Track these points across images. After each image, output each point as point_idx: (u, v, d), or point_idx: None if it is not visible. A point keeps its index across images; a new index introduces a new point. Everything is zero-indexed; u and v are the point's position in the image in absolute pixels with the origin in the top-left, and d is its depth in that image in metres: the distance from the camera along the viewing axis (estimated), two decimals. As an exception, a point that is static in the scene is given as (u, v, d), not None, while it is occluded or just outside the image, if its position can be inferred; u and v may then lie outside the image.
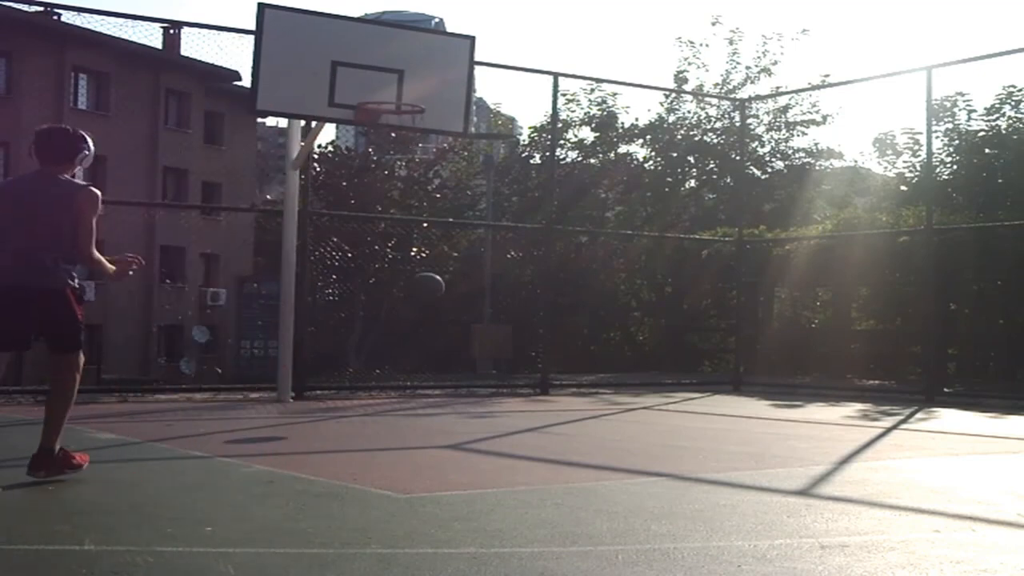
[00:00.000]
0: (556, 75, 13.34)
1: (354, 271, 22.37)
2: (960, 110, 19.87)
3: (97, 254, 5.25)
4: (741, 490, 5.38)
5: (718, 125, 29.70)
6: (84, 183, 5.30)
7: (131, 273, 5.68)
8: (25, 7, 19.02)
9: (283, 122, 22.89)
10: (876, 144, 22.49)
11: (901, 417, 10.30)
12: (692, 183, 31.12)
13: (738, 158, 21.88)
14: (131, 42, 18.84)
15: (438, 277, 11.85)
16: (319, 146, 26.98)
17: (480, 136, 34.83)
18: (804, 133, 29.68)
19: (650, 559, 3.73)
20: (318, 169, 29.10)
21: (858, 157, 36.15)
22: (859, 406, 11.66)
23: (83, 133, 5.40)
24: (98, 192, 5.25)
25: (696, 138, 29.69)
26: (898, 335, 17.41)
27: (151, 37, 28.90)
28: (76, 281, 5.20)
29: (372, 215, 22.73)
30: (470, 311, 22.71)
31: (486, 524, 4.32)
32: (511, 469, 6.27)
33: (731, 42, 30.06)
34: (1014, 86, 19.56)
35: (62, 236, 5.11)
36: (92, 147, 5.41)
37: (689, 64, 30.13)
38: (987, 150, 19.33)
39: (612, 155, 30.22)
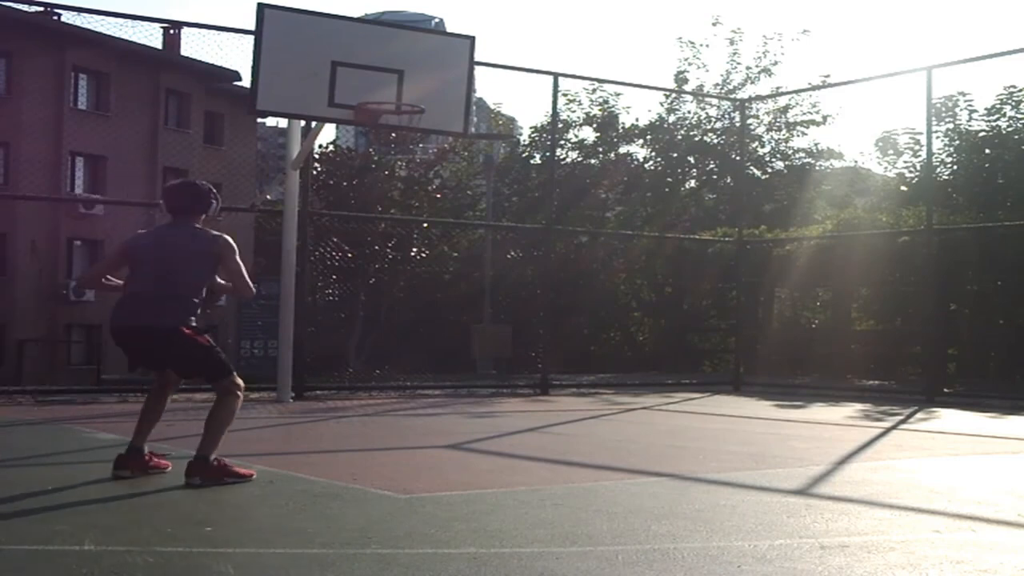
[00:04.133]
0: (556, 75, 13.35)
1: (354, 271, 22.35)
2: (961, 110, 19.87)
3: (247, 280, 5.66)
4: (741, 490, 5.38)
5: (718, 125, 29.72)
6: (218, 234, 5.62)
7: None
8: (25, 7, 19.02)
9: (283, 122, 22.87)
10: (878, 144, 22.48)
11: (901, 417, 10.30)
12: (692, 183, 31.13)
13: (738, 158, 21.88)
14: (131, 42, 18.83)
15: None
16: (319, 146, 26.95)
17: (480, 136, 34.81)
18: (804, 133, 29.72)
19: (650, 559, 3.73)
20: (318, 169, 29.08)
21: (858, 157, 36.24)
22: (859, 406, 11.66)
23: (211, 188, 5.76)
24: (230, 240, 5.59)
25: (696, 138, 29.70)
26: (898, 335, 17.41)
27: (151, 37, 28.95)
28: (194, 321, 5.48)
29: (372, 215, 22.71)
30: (470, 311, 22.70)
31: (486, 524, 4.32)
32: (511, 469, 6.26)
33: (731, 42, 30.11)
34: (1014, 86, 19.57)
35: (187, 281, 5.44)
36: (218, 201, 5.78)
37: (689, 64, 30.18)
38: (987, 150, 19.32)
39: (612, 155, 30.23)
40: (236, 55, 35.47)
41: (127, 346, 5.50)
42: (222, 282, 5.63)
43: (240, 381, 5.54)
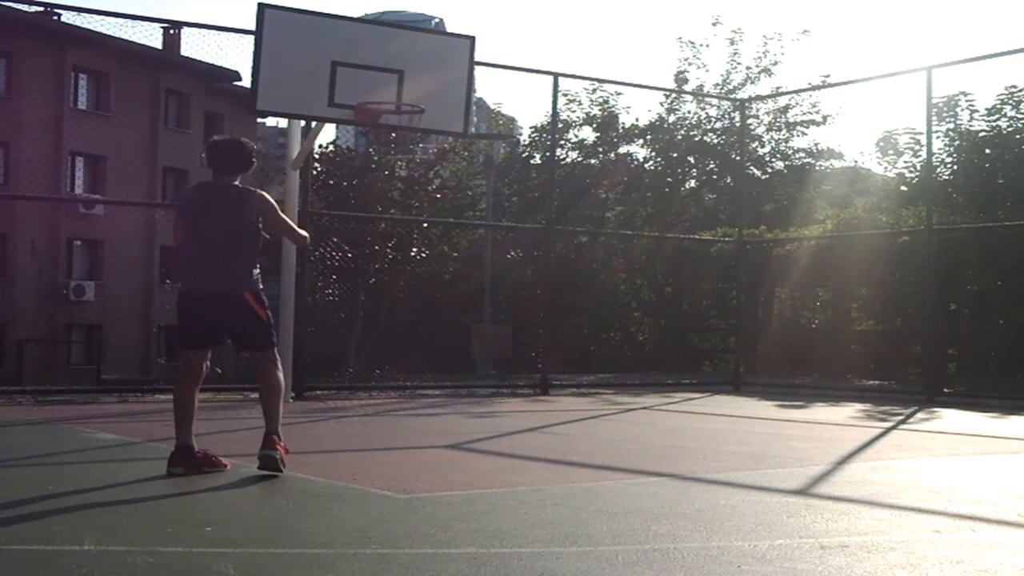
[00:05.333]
0: (556, 75, 13.35)
1: (354, 271, 22.34)
2: (962, 110, 19.86)
3: (296, 229, 5.90)
4: (741, 490, 5.38)
5: (718, 125, 29.70)
6: (251, 188, 5.67)
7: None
8: (25, 7, 19.03)
9: (283, 122, 22.86)
10: (879, 145, 22.47)
11: (901, 417, 10.30)
12: (692, 183, 31.12)
13: (738, 158, 21.88)
14: (131, 42, 18.83)
15: None
16: (319, 146, 26.95)
17: (480, 136, 34.78)
18: (804, 133, 29.69)
19: (650, 559, 3.73)
20: (318, 169, 29.05)
21: (858, 157, 36.22)
22: (859, 406, 11.66)
23: (253, 145, 5.80)
24: (266, 195, 5.65)
25: (696, 138, 29.69)
26: (898, 335, 17.41)
27: (151, 37, 28.91)
28: (260, 285, 5.60)
29: (372, 215, 22.70)
30: (470, 311, 22.69)
31: (486, 524, 4.32)
32: (511, 469, 6.26)
33: (732, 42, 30.09)
34: (1015, 86, 19.56)
35: (244, 242, 5.54)
36: (257, 160, 5.86)
37: (689, 64, 30.16)
38: (988, 150, 19.32)
39: (612, 155, 30.23)
40: (236, 55, 35.49)
41: (198, 317, 5.55)
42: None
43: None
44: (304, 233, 6.00)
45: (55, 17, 23.98)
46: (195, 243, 5.55)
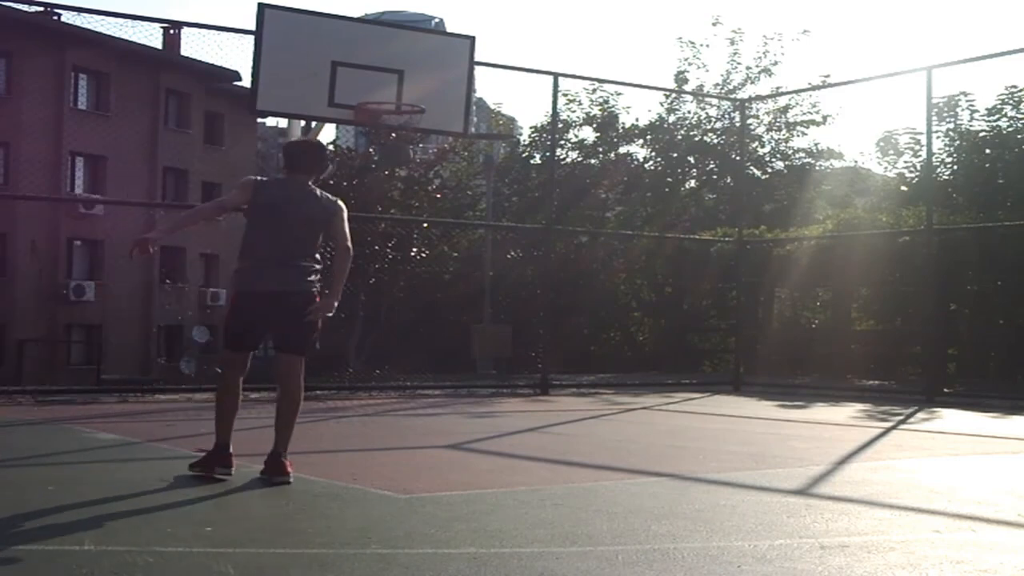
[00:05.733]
0: (556, 75, 13.33)
1: (354, 271, 22.36)
2: (963, 110, 19.87)
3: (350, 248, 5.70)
4: (741, 490, 5.38)
5: (718, 125, 29.71)
6: (335, 198, 5.65)
7: None
8: (25, 7, 19.00)
9: (283, 122, 22.87)
10: (880, 145, 22.48)
11: (901, 417, 10.30)
12: (692, 183, 31.13)
13: (738, 158, 21.88)
14: (131, 42, 18.80)
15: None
16: (319, 146, 26.92)
17: (480, 136, 34.77)
18: (804, 133, 29.71)
19: (650, 559, 3.73)
20: (318, 169, 29.03)
21: (858, 157, 36.24)
22: (859, 406, 11.66)
23: (328, 148, 5.73)
24: (343, 205, 5.63)
25: (696, 138, 29.70)
26: (898, 335, 17.41)
27: (151, 37, 28.88)
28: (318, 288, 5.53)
29: (372, 215, 22.70)
30: (470, 311, 22.69)
31: (486, 524, 4.32)
32: (511, 469, 6.26)
33: (732, 42, 30.10)
34: (1015, 86, 19.56)
35: (315, 244, 5.49)
36: (333, 164, 5.83)
37: (689, 64, 30.17)
38: (988, 150, 19.32)
39: (612, 155, 30.23)
40: (236, 55, 35.55)
41: (259, 313, 5.42)
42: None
43: None
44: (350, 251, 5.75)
45: (55, 17, 23.95)
46: (269, 240, 5.39)
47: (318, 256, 5.54)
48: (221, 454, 5.42)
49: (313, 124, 10.76)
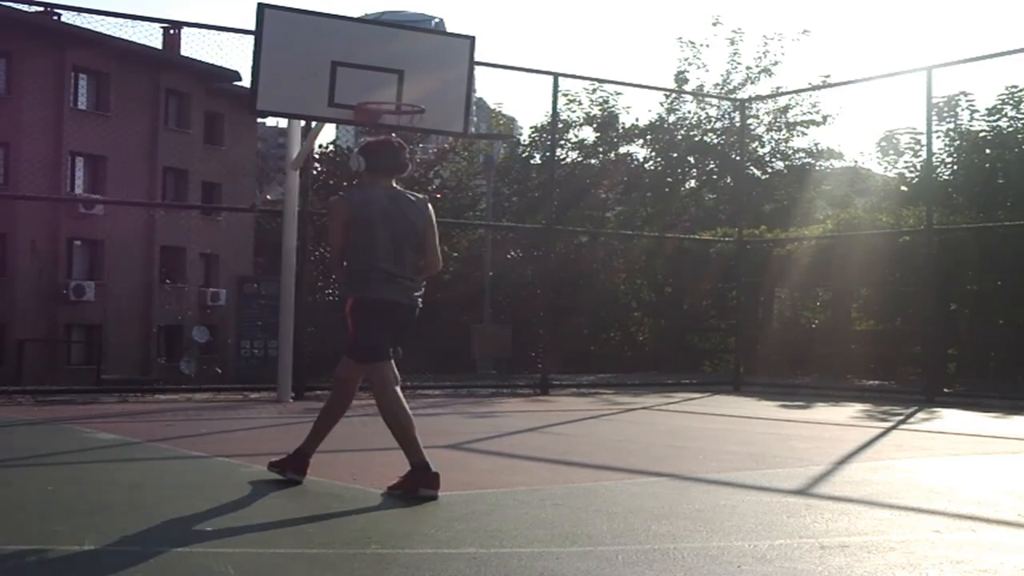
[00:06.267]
0: (556, 75, 13.34)
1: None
2: (963, 110, 19.86)
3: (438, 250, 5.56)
4: (741, 490, 5.38)
5: (718, 125, 29.70)
6: (423, 196, 5.50)
7: None
8: (25, 7, 19.03)
9: (283, 122, 22.86)
10: (880, 145, 22.47)
11: (901, 417, 10.30)
12: (692, 183, 31.12)
13: (738, 158, 21.88)
14: (131, 42, 18.85)
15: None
16: (319, 146, 26.96)
17: (480, 136, 34.82)
18: (804, 133, 29.70)
19: (650, 559, 3.73)
20: (318, 169, 29.05)
21: (858, 157, 36.21)
22: (859, 406, 11.66)
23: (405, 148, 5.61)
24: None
25: (696, 138, 29.69)
26: (898, 335, 17.41)
27: (151, 37, 28.95)
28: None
29: (372, 215, 22.71)
30: (470, 311, 22.69)
31: (486, 524, 4.32)
32: (511, 469, 6.26)
33: (732, 42, 30.10)
34: (1016, 86, 19.56)
35: (420, 251, 5.33)
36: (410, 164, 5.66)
37: (689, 64, 30.16)
38: (988, 150, 19.32)
39: (612, 155, 30.23)
40: (236, 55, 35.52)
41: (396, 324, 5.32)
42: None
43: None
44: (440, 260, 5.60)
45: (55, 17, 23.99)
46: (383, 251, 5.20)
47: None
48: (425, 474, 5.00)
49: (313, 124, 10.75)
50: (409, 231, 5.27)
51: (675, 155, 29.94)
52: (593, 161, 30.24)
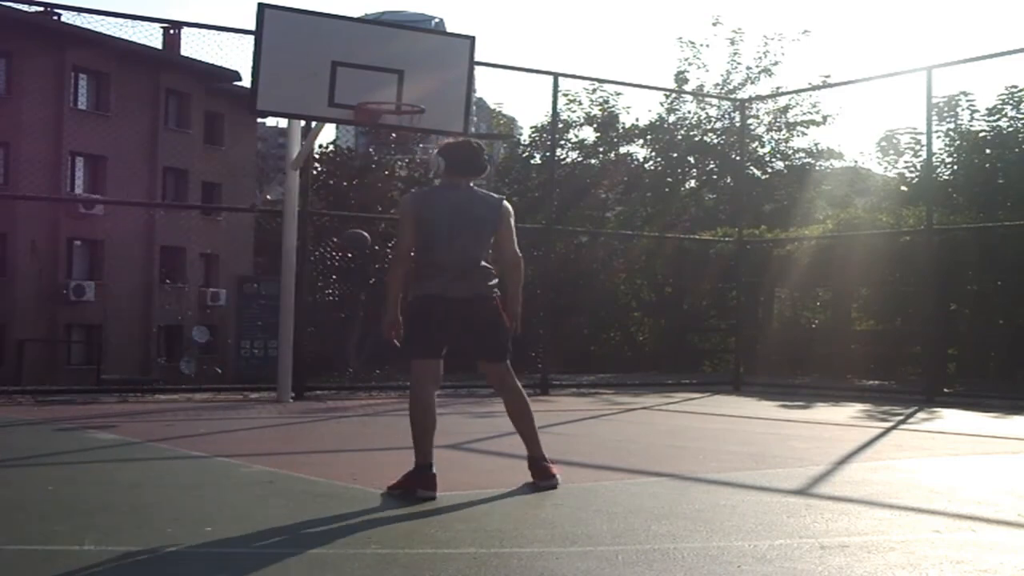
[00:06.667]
0: (556, 75, 13.34)
1: (354, 271, 22.34)
2: (963, 110, 19.86)
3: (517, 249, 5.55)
4: (741, 490, 5.38)
5: (718, 125, 29.72)
6: (500, 196, 5.57)
7: None
8: (25, 7, 19.03)
9: (283, 122, 22.84)
10: (881, 145, 22.47)
11: (901, 417, 10.30)
12: (692, 183, 31.13)
13: (738, 158, 21.88)
14: (131, 42, 18.83)
15: (365, 233, 13.64)
16: (319, 146, 26.99)
17: (480, 136, 34.77)
18: (804, 133, 29.72)
19: (650, 559, 3.73)
20: (318, 169, 29.05)
21: (858, 157, 36.24)
22: (859, 406, 11.66)
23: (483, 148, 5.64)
24: (509, 205, 5.52)
25: (696, 138, 29.70)
26: (898, 335, 17.40)
27: (151, 37, 28.93)
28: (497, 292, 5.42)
29: (372, 215, 22.71)
30: (470, 311, 22.66)
31: (486, 524, 4.32)
32: (511, 469, 6.26)
33: (732, 42, 30.11)
34: (1016, 86, 19.56)
35: (487, 246, 5.37)
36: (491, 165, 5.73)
37: (689, 64, 30.18)
38: (988, 150, 19.32)
39: (612, 155, 30.24)
40: (236, 55, 35.52)
41: (447, 322, 5.26)
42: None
43: None
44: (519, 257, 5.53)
45: (55, 17, 23.98)
46: (446, 247, 5.22)
47: (487, 260, 5.39)
48: (423, 474, 5.00)
49: (313, 124, 10.75)
50: (472, 224, 5.29)
51: (675, 155, 29.94)
52: (593, 161, 30.24)
